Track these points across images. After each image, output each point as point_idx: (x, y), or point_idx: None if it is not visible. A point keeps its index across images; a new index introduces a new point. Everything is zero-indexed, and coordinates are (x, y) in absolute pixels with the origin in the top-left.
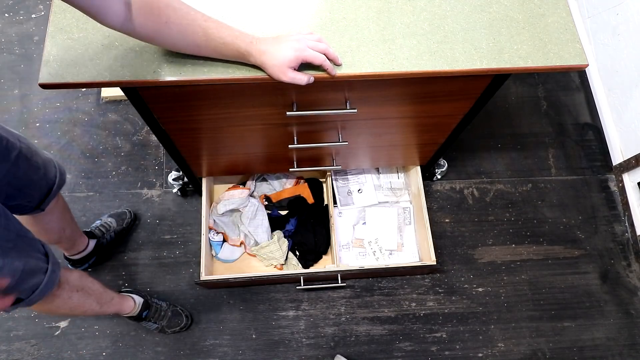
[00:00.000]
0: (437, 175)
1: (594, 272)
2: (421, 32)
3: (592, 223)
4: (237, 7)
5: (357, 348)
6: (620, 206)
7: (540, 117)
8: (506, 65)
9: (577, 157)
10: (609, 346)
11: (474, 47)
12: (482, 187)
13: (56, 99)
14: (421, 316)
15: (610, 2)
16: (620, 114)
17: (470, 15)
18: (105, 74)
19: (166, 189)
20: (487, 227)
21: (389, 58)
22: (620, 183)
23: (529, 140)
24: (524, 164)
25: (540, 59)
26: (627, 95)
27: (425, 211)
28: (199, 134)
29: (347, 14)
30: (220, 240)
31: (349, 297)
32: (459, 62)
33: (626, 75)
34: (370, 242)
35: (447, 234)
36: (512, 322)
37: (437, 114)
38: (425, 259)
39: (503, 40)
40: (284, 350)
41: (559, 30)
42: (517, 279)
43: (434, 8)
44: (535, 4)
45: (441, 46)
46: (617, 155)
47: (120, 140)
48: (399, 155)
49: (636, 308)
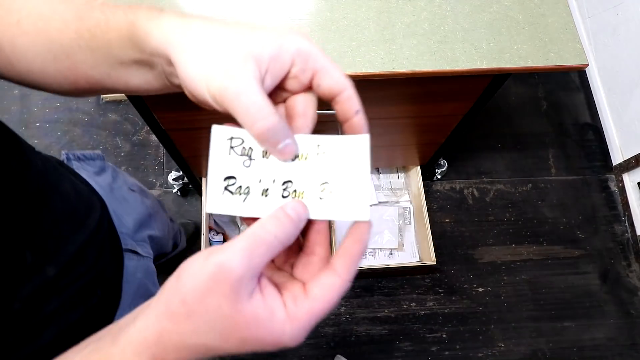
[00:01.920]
0: (437, 175)
1: (594, 272)
2: (421, 32)
3: (592, 223)
4: (237, 6)
5: (357, 348)
6: (620, 206)
7: (540, 117)
8: (506, 65)
9: (577, 157)
10: (609, 346)
11: (474, 47)
12: (482, 187)
13: (56, 99)
14: (421, 316)
15: (610, 2)
16: (620, 114)
17: (471, 15)
18: None
19: (166, 189)
20: (487, 227)
21: (389, 58)
22: (620, 183)
23: (529, 140)
24: (524, 164)
25: (540, 59)
26: (627, 95)
27: (425, 211)
28: (199, 134)
29: (347, 14)
30: (220, 240)
31: (349, 297)
32: (459, 62)
33: (626, 75)
34: (370, 242)
35: (447, 234)
36: (512, 322)
37: (437, 114)
38: (425, 259)
39: (503, 40)
40: (284, 351)
41: (559, 30)
42: (517, 279)
43: (434, 8)
44: (536, 4)
45: (441, 46)
46: (617, 155)
47: (120, 140)
48: (399, 155)
49: (636, 308)
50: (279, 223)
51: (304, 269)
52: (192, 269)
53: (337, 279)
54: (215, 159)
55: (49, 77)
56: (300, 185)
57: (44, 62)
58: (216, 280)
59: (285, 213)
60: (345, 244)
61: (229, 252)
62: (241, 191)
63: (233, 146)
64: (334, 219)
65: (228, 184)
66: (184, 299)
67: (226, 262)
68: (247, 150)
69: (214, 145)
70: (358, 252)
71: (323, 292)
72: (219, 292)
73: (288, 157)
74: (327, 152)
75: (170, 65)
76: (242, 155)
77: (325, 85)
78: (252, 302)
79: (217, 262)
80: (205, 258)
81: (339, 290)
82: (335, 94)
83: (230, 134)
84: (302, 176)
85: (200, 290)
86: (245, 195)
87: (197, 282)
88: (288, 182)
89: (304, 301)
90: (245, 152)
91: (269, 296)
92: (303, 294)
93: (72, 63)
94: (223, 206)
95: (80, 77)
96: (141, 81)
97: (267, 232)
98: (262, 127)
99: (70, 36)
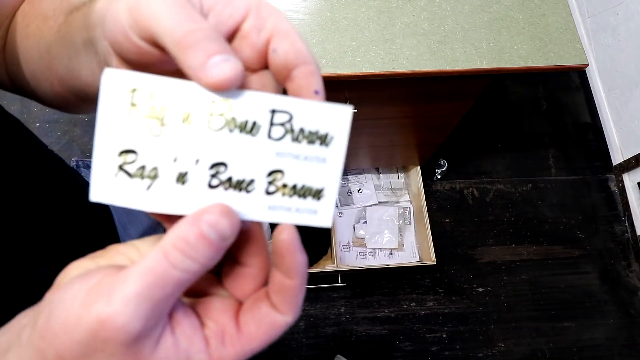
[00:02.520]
0: (437, 175)
1: (594, 272)
2: (421, 31)
3: (592, 223)
4: None
5: (357, 348)
6: (620, 206)
7: (540, 117)
8: (506, 65)
9: (577, 157)
10: (609, 346)
11: (474, 47)
12: (482, 187)
13: None
14: (421, 316)
15: (610, 2)
16: (620, 114)
17: (471, 15)
18: None
19: None
20: (487, 227)
21: (389, 58)
22: (620, 183)
23: (529, 140)
24: (524, 164)
25: (540, 59)
26: (627, 95)
27: (425, 211)
28: None
29: (347, 14)
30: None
31: (349, 297)
32: (459, 62)
33: (626, 75)
34: (370, 242)
35: (447, 234)
36: (512, 322)
37: (437, 114)
38: (425, 259)
39: (503, 40)
40: (284, 351)
41: (559, 30)
42: (517, 279)
43: (434, 8)
44: (536, 3)
45: (441, 46)
46: (617, 155)
47: None
48: (399, 155)
49: (636, 308)
50: (189, 250)
51: (235, 282)
52: (64, 314)
53: (279, 317)
54: (105, 120)
55: (37, 79)
56: (240, 171)
57: (34, 63)
58: (102, 339)
59: (199, 232)
60: (277, 278)
61: (117, 302)
62: (144, 173)
63: (135, 103)
64: (284, 222)
65: (125, 161)
66: (61, 355)
67: (113, 318)
68: (158, 110)
69: (105, 99)
70: (296, 285)
71: (261, 331)
72: (108, 352)
73: (225, 78)
74: (287, 125)
75: (105, 38)
76: (150, 118)
77: (282, 52)
78: (158, 353)
79: (101, 317)
80: (84, 304)
81: (280, 329)
82: (292, 67)
83: (133, 84)
84: (243, 157)
85: (80, 348)
86: (151, 180)
87: (75, 339)
88: (220, 165)
89: (234, 340)
90: (155, 114)
91: (183, 338)
92: (234, 330)
93: (49, 59)
94: (115, 194)
95: (54, 76)
96: (88, 72)
97: (172, 267)
98: (185, 27)
99: (54, 29)
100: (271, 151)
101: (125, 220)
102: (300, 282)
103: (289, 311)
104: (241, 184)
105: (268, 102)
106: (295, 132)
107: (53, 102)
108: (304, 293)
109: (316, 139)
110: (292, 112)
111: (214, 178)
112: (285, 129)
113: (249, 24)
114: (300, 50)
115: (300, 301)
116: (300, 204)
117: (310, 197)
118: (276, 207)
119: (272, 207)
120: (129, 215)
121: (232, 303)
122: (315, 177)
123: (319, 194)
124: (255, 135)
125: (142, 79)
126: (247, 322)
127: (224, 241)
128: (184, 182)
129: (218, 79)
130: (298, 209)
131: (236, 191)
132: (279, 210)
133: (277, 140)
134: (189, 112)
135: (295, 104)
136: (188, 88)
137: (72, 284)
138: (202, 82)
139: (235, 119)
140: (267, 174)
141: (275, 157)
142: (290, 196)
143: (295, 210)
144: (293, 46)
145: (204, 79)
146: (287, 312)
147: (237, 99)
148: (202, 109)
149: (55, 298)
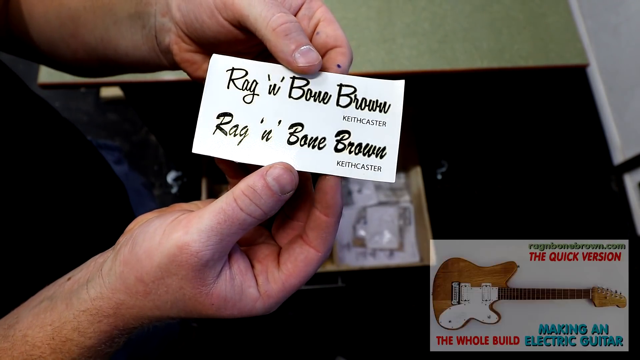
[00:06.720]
0: (437, 175)
1: None
2: (422, 31)
3: (593, 223)
4: None
5: (357, 348)
6: (621, 206)
7: (541, 117)
8: (507, 65)
9: (577, 157)
10: None
11: (475, 46)
12: (482, 187)
13: (56, 98)
14: (421, 316)
15: (610, 2)
16: (621, 114)
17: (471, 14)
18: None
19: (166, 189)
20: (487, 227)
21: (389, 58)
22: (621, 183)
23: (529, 140)
24: (524, 164)
25: (541, 58)
26: (628, 95)
27: (426, 211)
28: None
29: (348, 13)
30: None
31: (349, 297)
32: (459, 62)
33: (627, 74)
34: (370, 242)
35: (448, 235)
36: None
37: (436, 114)
38: (426, 259)
39: (504, 40)
40: (285, 351)
41: (559, 30)
42: None
43: (434, 7)
44: (536, 3)
45: (442, 46)
46: (618, 155)
47: (119, 140)
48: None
49: None
50: (255, 198)
51: (284, 232)
52: (149, 242)
53: (312, 252)
54: (210, 91)
55: (55, 45)
56: (314, 130)
57: (52, 29)
58: (177, 263)
59: (264, 184)
60: (316, 214)
61: (194, 232)
62: (237, 132)
63: (234, 78)
64: (351, 177)
65: (222, 122)
66: (141, 277)
67: (189, 244)
68: (251, 84)
69: (211, 76)
70: (331, 223)
71: (297, 268)
72: (180, 275)
73: (311, 64)
74: (352, 96)
75: (164, 15)
76: (244, 90)
77: (324, 34)
78: (218, 285)
79: (179, 243)
80: (165, 234)
81: (313, 265)
82: (330, 47)
83: (232, 64)
84: (317, 120)
85: (158, 271)
86: (242, 137)
87: (155, 263)
88: (297, 126)
89: (277, 277)
90: (248, 86)
91: (238, 275)
92: (276, 269)
93: (75, 27)
94: (212, 147)
95: (79, 44)
96: (129, 44)
97: (240, 210)
98: (281, 19)
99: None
100: (339, 115)
101: (135, 201)
102: (334, 220)
103: (321, 246)
104: (314, 141)
105: (336, 78)
106: (359, 101)
107: (69, 67)
108: (335, 233)
109: (376, 106)
110: (355, 86)
111: (292, 135)
112: (350, 99)
113: (302, 13)
114: (338, 35)
115: (332, 239)
116: (365, 161)
117: (374, 155)
118: (344, 163)
119: (340, 162)
120: (138, 197)
121: (276, 249)
122: (377, 137)
123: (382, 152)
124: (327, 103)
125: (241, 62)
126: (285, 262)
127: (284, 194)
128: (268, 139)
129: (306, 65)
130: (364, 165)
131: (310, 148)
132: (346, 166)
133: (344, 107)
134: (275, 84)
135: (357, 80)
136: (274, 68)
137: (151, 221)
138: (292, 65)
139: (312, 90)
140: (336, 133)
141: (342, 120)
142: (356, 153)
143: (362, 167)
144: (334, 31)
145: (293, 63)
146: (320, 247)
147: (313, 77)
148: (285, 84)
149: (136, 233)
